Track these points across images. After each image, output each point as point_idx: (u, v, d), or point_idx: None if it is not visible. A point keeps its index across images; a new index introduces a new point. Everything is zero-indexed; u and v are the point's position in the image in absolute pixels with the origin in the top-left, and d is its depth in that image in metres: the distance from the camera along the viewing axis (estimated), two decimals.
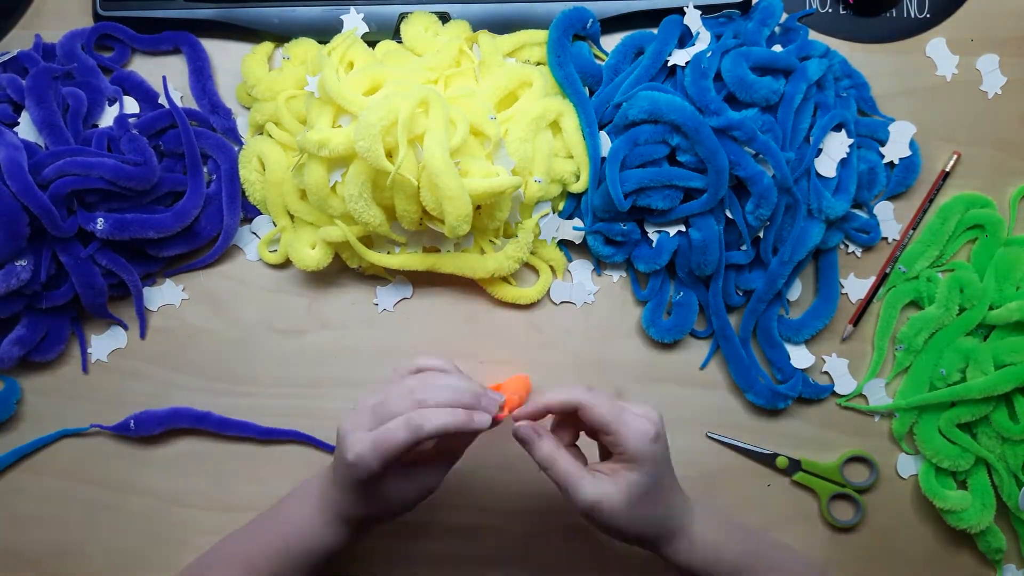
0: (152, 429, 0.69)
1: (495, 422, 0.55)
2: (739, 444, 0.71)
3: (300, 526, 0.58)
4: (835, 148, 0.68)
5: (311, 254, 0.68)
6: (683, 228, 0.68)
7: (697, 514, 0.58)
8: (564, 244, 0.71)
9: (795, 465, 0.71)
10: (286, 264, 0.71)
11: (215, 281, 0.71)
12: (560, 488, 0.54)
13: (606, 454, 0.58)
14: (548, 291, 0.71)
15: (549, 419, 0.58)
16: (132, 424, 0.68)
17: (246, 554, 0.59)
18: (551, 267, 0.71)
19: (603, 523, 0.54)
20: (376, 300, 0.71)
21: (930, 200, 0.72)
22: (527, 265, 0.71)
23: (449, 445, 0.58)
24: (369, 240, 0.69)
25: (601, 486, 0.53)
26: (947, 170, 0.72)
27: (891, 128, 0.71)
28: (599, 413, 0.54)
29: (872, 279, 0.72)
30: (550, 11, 0.70)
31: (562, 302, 0.71)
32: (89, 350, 0.70)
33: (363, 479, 0.53)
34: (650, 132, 0.65)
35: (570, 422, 0.57)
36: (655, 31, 0.69)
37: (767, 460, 0.71)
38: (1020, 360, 0.66)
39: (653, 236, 0.68)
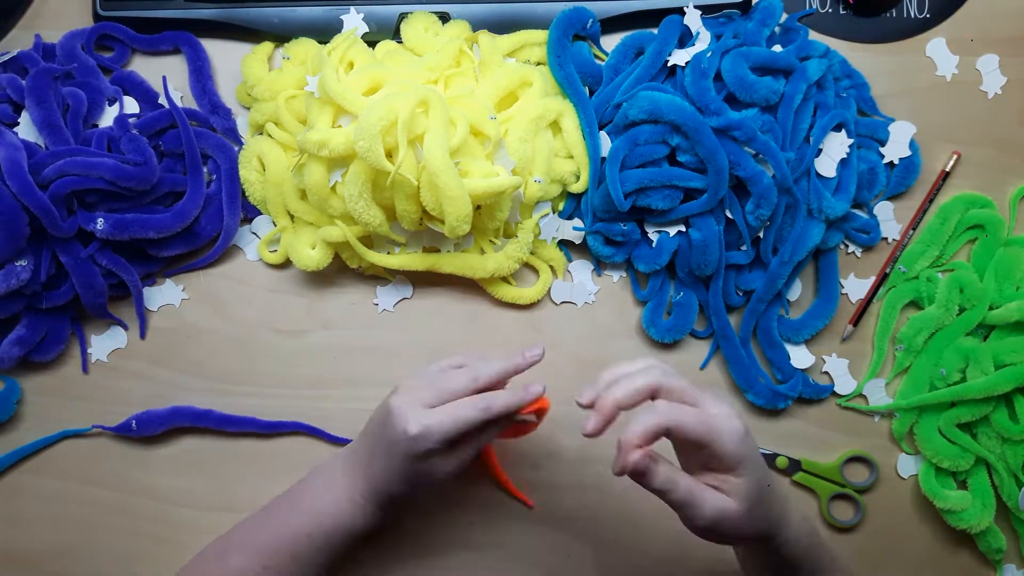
0: (154, 429, 0.69)
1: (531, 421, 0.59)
2: None
3: (327, 507, 0.58)
4: (835, 148, 0.68)
5: (311, 254, 0.68)
6: (683, 228, 0.68)
7: (791, 505, 0.56)
8: (564, 244, 0.71)
9: (795, 465, 0.71)
10: (286, 264, 0.71)
11: (215, 281, 0.71)
12: (678, 508, 0.51)
13: (686, 455, 0.55)
14: (548, 291, 0.71)
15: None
16: (134, 424, 0.68)
17: (263, 541, 0.59)
18: (551, 267, 0.71)
19: (723, 535, 0.52)
20: (376, 300, 0.71)
21: (930, 200, 0.72)
22: (527, 265, 0.71)
23: (486, 429, 0.58)
24: (369, 240, 0.69)
25: (719, 501, 0.51)
26: (947, 170, 0.72)
27: (891, 128, 0.71)
28: (693, 432, 0.50)
29: (872, 279, 0.72)
30: (550, 11, 0.70)
31: (562, 302, 0.71)
32: (89, 350, 0.70)
33: (419, 453, 0.55)
34: (650, 132, 0.65)
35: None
36: (655, 31, 0.69)
37: (767, 460, 0.71)
38: (1020, 360, 0.66)
39: (653, 236, 0.68)
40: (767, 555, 0.56)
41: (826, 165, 0.68)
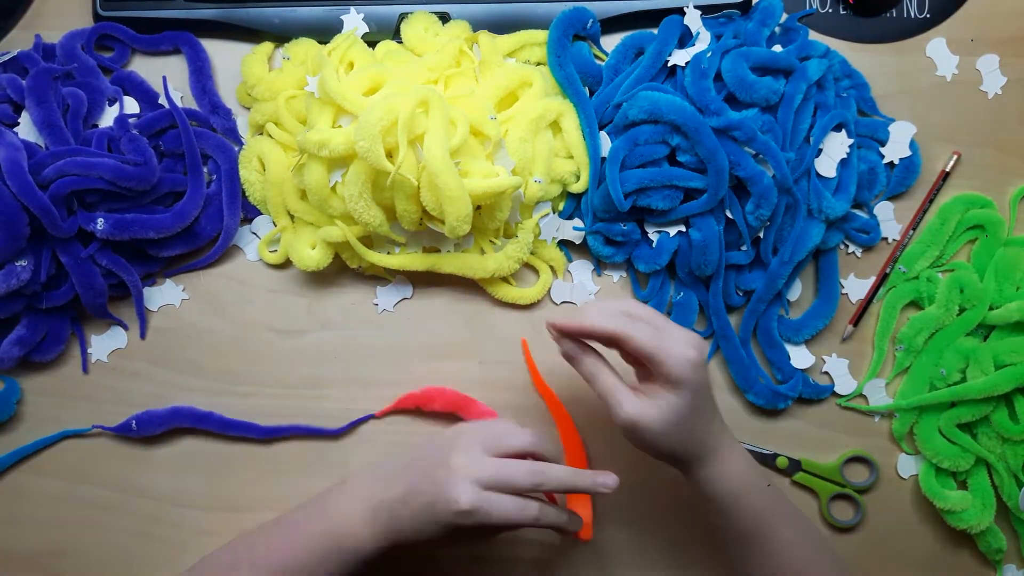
0: (154, 429, 0.69)
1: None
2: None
3: (345, 531, 0.57)
4: (835, 148, 0.68)
5: (311, 254, 0.68)
6: (683, 228, 0.68)
7: (731, 448, 0.59)
8: (564, 244, 0.71)
9: (795, 465, 0.71)
10: (286, 264, 0.71)
11: (215, 281, 0.71)
12: (603, 400, 0.57)
13: (646, 374, 0.58)
14: (549, 291, 0.71)
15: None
16: (134, 424, 0.68)
17: (276, 559, 0.57)
18: (551, 267, 0.71)
19: (639, 440, 0.57)
20: (376, 300, 0.71)
21: (930, 200, 0.72)
22: (527, 265, 0.71)
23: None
24: (369, 240, 0.69)
25: (640, 405, 0.56)
26: (947, 170, 0.72)
27: (891, 128, 0.71)
28: (640, 344, 0.55)
29: (872, 279, 0.72)
30: (550, 11, 0.70)
31: (563, 302, 0.71)
32: (89, 350, 0.70)
33: (460, 525, 0.54)
34: (650, 132, 0.65)
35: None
36: (655, 31, 0.69)
37: (767, 460, 0.71)
38: (1020, 360, 0.66)
39: (653, 236, 0.68)
40: (697, 490, 0.59)
41: (826, 165, 0.68)
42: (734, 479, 0.58)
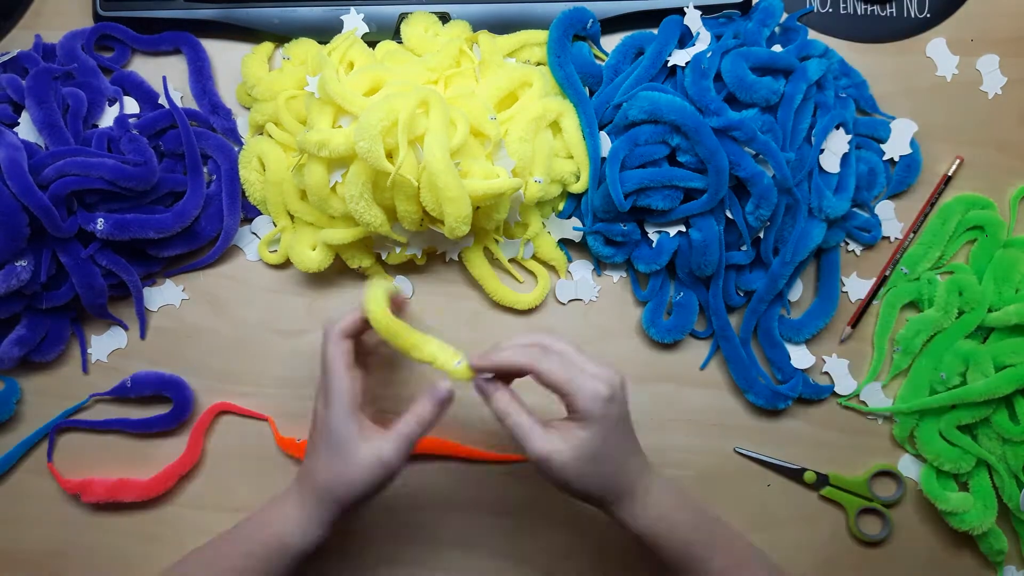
0: (142, 391, 0.69)
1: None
2: (767, 459, 0.71)
3: (289, 535, 0.57)
4: (837, 143, 0.68)
5: (312, 256, 0.68)
6: (683, 228, 0.68)
7: (654, 483, 0.58)
8: (564, 244, 0.71)
9: (823, 480, 0.70)
10: (286, 264, 0.71)
11: (215, 281, 0.71)
12: (514, 440, 0.56)
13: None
14: (554, 291, 0.71)
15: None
16: (128, 383, 0.69)
17: (229, 567, 0.58)
18: (553, 267, 0.71)
19: (552, 477, 0.56)
20: None
21: (931, 204, 0.72)
22: (526, 270, 0.71)
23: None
24: (369, 240, 0.69)
25: (552, 442, 0.55)
26: (949, 175, 0.72)
27: (892, 125, 0.71)
28: (552, 379, 0.55)
29: (872, 279, 0.72)
30: (550, 11, 0.70)
31: (570, 300, 0.71)
32: (89, 350, 0.70)
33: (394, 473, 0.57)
34: (650, 132, 0.65)
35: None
36: (655, 31, 0.69)
37: (795, 475, 0.71)
38: (1020, 361, 0.66)
39: (653, 236, 0.68)
40: (624, 527, 0.58)
41: (830, 161, 0.68)
42: (654, 516, 0.57)
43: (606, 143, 0.67)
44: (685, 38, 0.69)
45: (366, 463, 0.56)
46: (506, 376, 0.58)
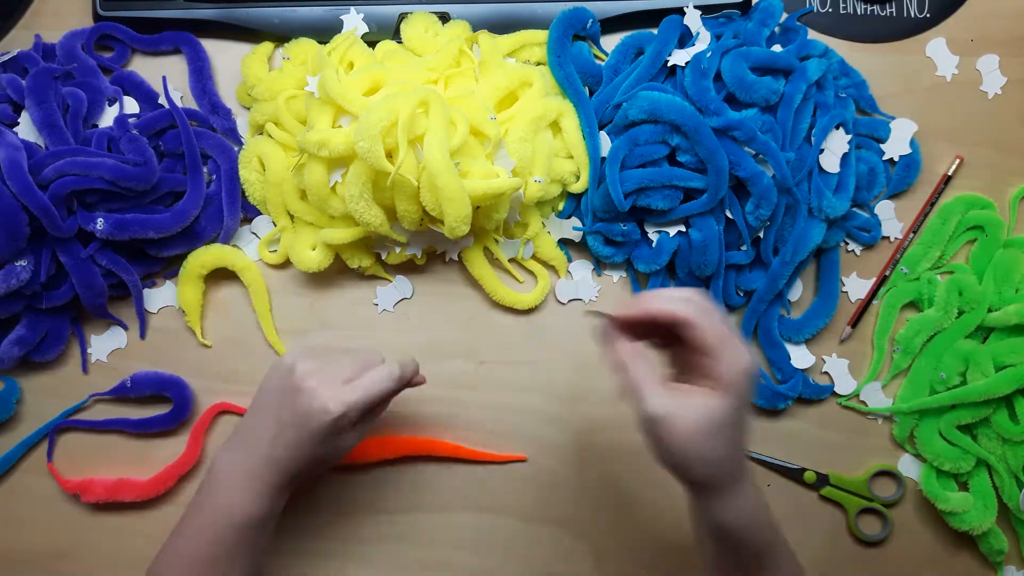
0: (142, 391, 0.69)
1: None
2: (767, 459, 0.71)
3: (230, 506, 0.56)
4: (837, 143, 0.68)
5: (312, 256, 0.68)
6: (683, 228, 0.68)
7: (751, 480, 0.53)
8: (564, 243, 0.71)
9: (823, 480, 0.70)
10: (286, 264, 0.71)
11: (215, 281, 0.71)
12: (628, 395, 0.50)
13: (684, 371, 0.53)
14: (554, 290, 0.71)
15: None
16: (128, 383, 0.69)
17: (182, 560, 0.57)
18: (554, 267, 0.71)
19: (663, 443, 0.49)
20: (376, 300, 0.71)
21: (931, 204, 0.72)
22: (526, 270, 0.71)
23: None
24: (370, 240, 0.69)
25: (675, 402, 0.49)
26: (949, 174, 0.72)
27: (892, 125, 0.71)
28: (707, 337, 0.49)
29: (872, 279, 0.72)
30: (550, 11, 0.70)
31: (569, 300, 0.71)
32: (89, 350, 0.70)
33: (339, 428, 0.55)
34: (650, 132, 0.65)
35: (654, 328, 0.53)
36: (655, 31, 0.69)
37: (795, 475, 0.71)
38: (1020, 362, 0.66)
39: (653, 236, 0.68)
40: (707, 518, 0.52)
41: (830, 161, 0.68)
42: (753, 511, 0.52)
43: (606, 143, 0.67)
44: (685, 38, 0.69)
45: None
46: (636, 331, 0.52)
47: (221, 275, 0.71)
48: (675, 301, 0.51)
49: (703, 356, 0.50)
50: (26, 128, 0.65)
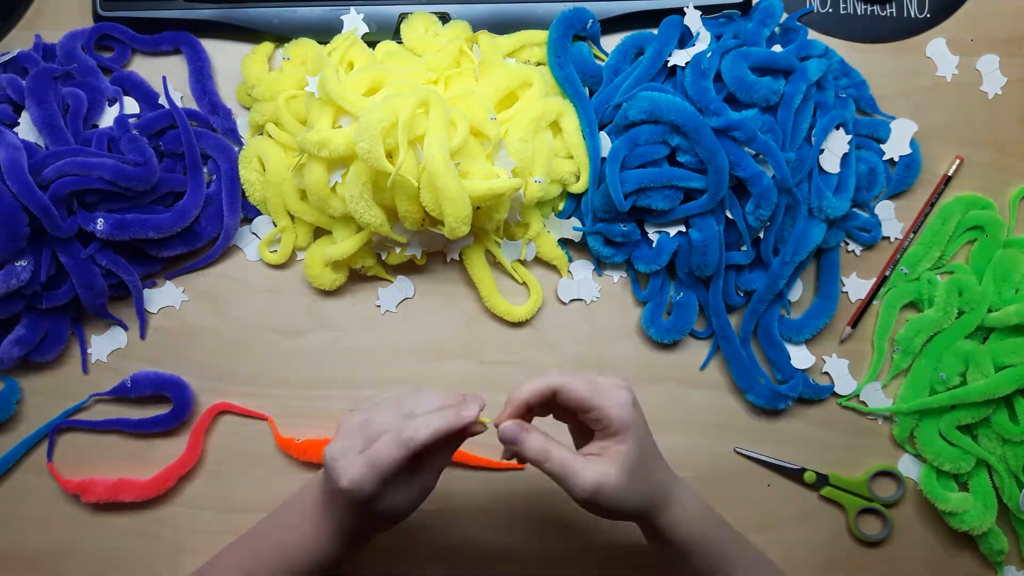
0: (142, 391, 0.69)
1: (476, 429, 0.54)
2: (767, 459, 0.71)
3: (300, 539, 0.56)
4: (837, 143, 0.68)
5: (328, 274, 0.68)
6: (683, 228, 0.68)
7: (684, 487, 0.57)
8: (564, 243, 0.71)
9: (823, 480, 0.70)
10: (286, 264, 0.71)
11: (215, 281, 0.71)
12: (557, 479, 0.52)
13: (581, 435, 0.57)
14: (556, 290, 0.71)
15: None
16: (128, 383, 0.69)
17: (246, 568, 0.57)
18: (555, 266, 0.71)
19: (605, 504, 0.52)
20: (378, 301, 0.71)
21: (931, 204, 0.72)
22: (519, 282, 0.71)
23: (441, 447, 0.55)
24: (369, 240, 0.69)
25: (598, 467, 0.52)
26: (949, 175, 0.72)
27: (892, 125, 0.71)
28: (578, 393, 0.53)
29: (872, 279, 0.72)
30: (550, 11, 0.70)
31: (571, 300, 0.71)
32: (89, 350, 0.70)
33: (360, 501, 0.52)
34: (650, 132, 0.65)
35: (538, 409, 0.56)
36: (655, 31, 0.69)
37: (795, 475, 0.71)
38: (1020, 362, 0.66)
39: (653, 236, 0.68)
40: (657, 539, 0.56)
41: (830, 161, 0.68)
42: (694, 520, 0.56)
43: (606, 143, 0.67)
44: (685, 38, 0.69)
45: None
46: (523, 418, 0.54)
47: (222, 275, 0.71)
48: (536, 380, 0.54)
49: (587, 412, 0.53)
50: (26, 128, 0.65)
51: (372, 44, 0.69)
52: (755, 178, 0.64)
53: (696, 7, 0.69)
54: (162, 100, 0.70)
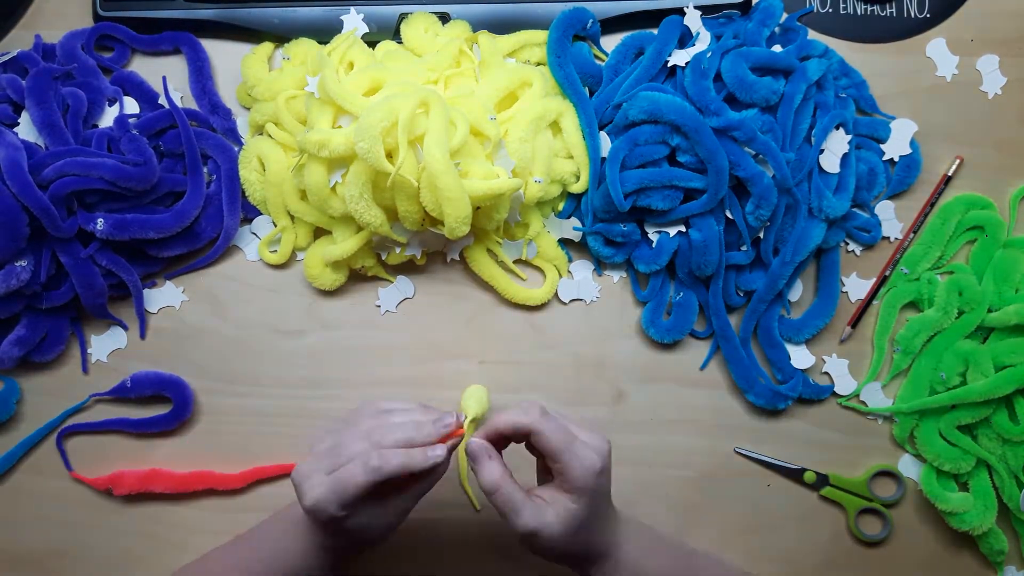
0: (142, 391, 0.69)
1: (452, 444, 0.54)
2: (767, 459, 0.71)
3: (282, 551, 0.57)
4: (837, 143, 0.68)
5: (329, 274, 0.68)
6: (683, 228, 0.68)
7: (626, 535, 0.58)
8: (564, 243, 0.71)
9: (823, 480, 0.70)
10: (286, 264, 0.71)
11: (215, 281, 0.71)
12: (500, 513, 0.54)
13: (544, 471, 0.58)
14: (556, 291, 0.71)
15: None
16: (128, 383, 0.69)
17: (240, 570, 0.58)
18: (556, 267, 0.71)
19: (538, 550, 0.55)
20: (378, 301, 0.71)
21: (931, 204, 0.72)
22: (534, 267, 0.71)
23: (420, 475, 0.55)
24: (369, 240, 0.69)
25: (540, 515, 0.53)
26: (949, 175, 0.72)
27: (892, 125, 0.71)
28: (551, 443, 0.53)
29: (872, 279, 0.72)
30: (550, 11, 0.70)
31: (571, 300, 0.71)
32: (89, 350, 0.70)
33: (325, 521, 0.52)
34: (650, 132, 0.65)
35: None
36: (655, 31, 0.69)
37: (795, 475, 0.71)
38: (1020, 362, 0.66)
39: (653, 236, 0.68)
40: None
41: (830, 161, 0.68)
42: (631, 565, 0.57)
43: (606, 143, 0.67)
44: (685, 38, 0.69)
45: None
46: (497, 444, 0.56)
47: (222, 275, 0.71)
48: (515, 412, 0.54)
49: (554, 462, 0.54)
50: (26, 128, 0.65)
51: (372, 44, 0.69)
52: (755, 178, 0.64)
53: (696, 7, 0.69)
54: (162, 100, 0.70)
